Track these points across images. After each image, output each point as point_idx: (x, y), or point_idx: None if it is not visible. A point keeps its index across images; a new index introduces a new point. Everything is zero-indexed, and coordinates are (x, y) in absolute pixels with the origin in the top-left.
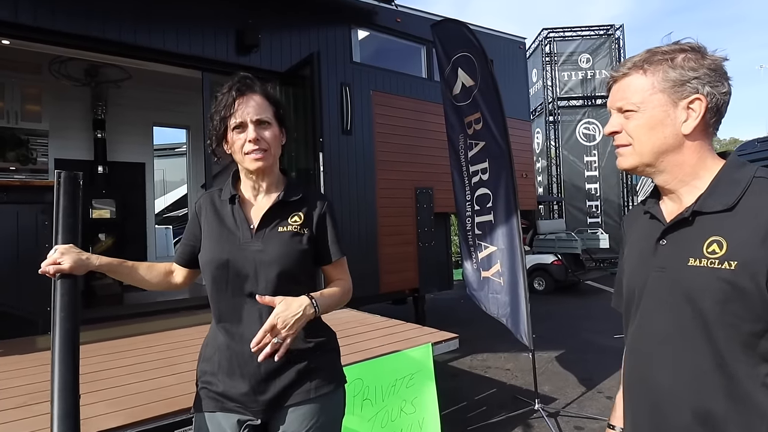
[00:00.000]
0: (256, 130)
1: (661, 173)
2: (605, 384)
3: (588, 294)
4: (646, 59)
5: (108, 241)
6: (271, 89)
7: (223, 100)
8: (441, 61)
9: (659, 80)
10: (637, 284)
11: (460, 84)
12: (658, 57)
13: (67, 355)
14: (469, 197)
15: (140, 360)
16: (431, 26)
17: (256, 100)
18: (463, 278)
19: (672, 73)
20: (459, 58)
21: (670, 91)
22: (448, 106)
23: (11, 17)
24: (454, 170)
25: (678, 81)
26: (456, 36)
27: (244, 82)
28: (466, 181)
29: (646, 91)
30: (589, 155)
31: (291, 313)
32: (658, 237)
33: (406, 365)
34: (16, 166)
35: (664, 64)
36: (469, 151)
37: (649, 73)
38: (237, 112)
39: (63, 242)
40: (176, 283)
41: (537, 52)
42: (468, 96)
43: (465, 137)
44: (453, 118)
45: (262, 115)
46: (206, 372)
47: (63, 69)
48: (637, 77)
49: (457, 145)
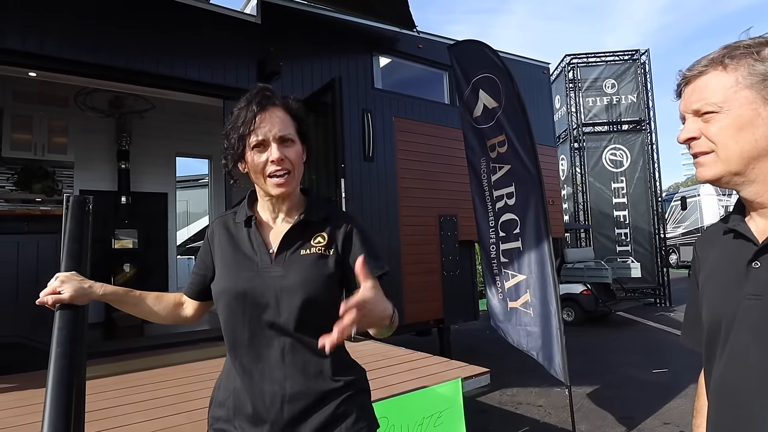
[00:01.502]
0: (279, 149)
1: (751, 183)
2: (648, 423)
3: (621, 325)
4: (726, 54)
5: (130, 272)
6: (293, 102)
7: (242, 115)
8: (459, 83)
9: (744, 75)
10: (725, 315)
11: (481, 106)
12: (741, 51)
13: (60, 398)
14: (493, 223)
15: (153, 396)
16: (448, 48)
17: (279, 116)
18: (488, 309)
19: (759, 67)
20: (480, 79)
21: (760, 86)
22: (467, 129)
23: (38, 49)
24: (476, 195)
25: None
26: (476, 57)
27: (264, 94)
28: (489, 206)
29: (730, 89)
30: (616, 182)
31: (381, 301)
32: (750, 259)
33: (435, 402)
34: (41, 197)
35: (749, 57)
36: (493, 175)
37: (731, 68)
38: (258, 129)
39: (66, 269)
40: (186, 317)
41: (560, 79)
42: (490, 118)
43: (487, 161)
44: (473, 141)
45: (285, 132)
46: (219, 419)
47: (88, 101)
48: (717, 74)
49: (479, 169)
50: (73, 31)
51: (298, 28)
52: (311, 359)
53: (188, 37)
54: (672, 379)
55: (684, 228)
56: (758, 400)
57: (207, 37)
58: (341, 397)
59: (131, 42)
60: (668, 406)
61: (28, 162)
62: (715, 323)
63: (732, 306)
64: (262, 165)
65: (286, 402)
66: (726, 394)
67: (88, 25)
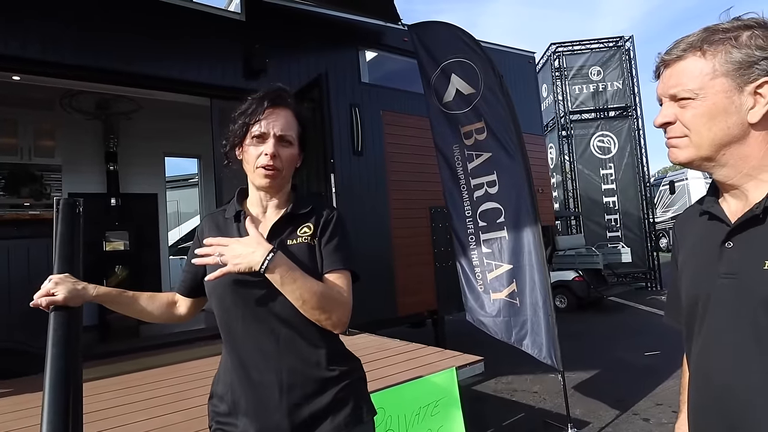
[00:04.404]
0: (275, 146)
1: (722, 167)
2: (640, 405)
3: (612, 310)
4: (704, 38)
5: (122, 273)
6: (304, 110)
7: (252, 104)
8: (425, 65)
9: (721, 62)
10: (700, 295)
11: (453, 91)
12: (719, 36)
13: (58, 399)
14: (470, 212)
15: (150, 395)
16: (409, 27)
17: (286, 116)
18: (465, 305)
19: (736, 54)
20: (452, 63)
21: (735, 74)
22: (436, 114)
23: (20, 52)
24: (448, 183)
25: (744, 63)
26: (447, 40)
27: (280, 94)
28: (465, 195)
29: (706, 76)
30: (605, 168)
31: (240, 251)
32: (723, 239)
33: (430, 392)
34: (30, 201)
35: (727, 43)
36: (469, 163)
37: (709, 54)
38: (263, 121)
39: (59, 271)
40: (179, 315)
41: (546, 67)
42: (465, 104)
43: (461, 148)
44: (443, 127)
45: (287, 132)
46: (219, 413)
47: (74, 103)
48: (695, 60)
49: (451, 157)
50: (56, 33)
51: (282, 24)
52: (307, 348)
53: (173, 36)
54: (664, 361)
55: (673, 212)
56: (733, 376)
57: (191, 36)
58: (340, 384)
59: (115, 43)
60: (661, 387)
61: (14, 166)
62: (692, 302)
63: (707, 285)
64: (256, 156)
65: (284, 392)
66: (703, 371)
67: (71, 27)
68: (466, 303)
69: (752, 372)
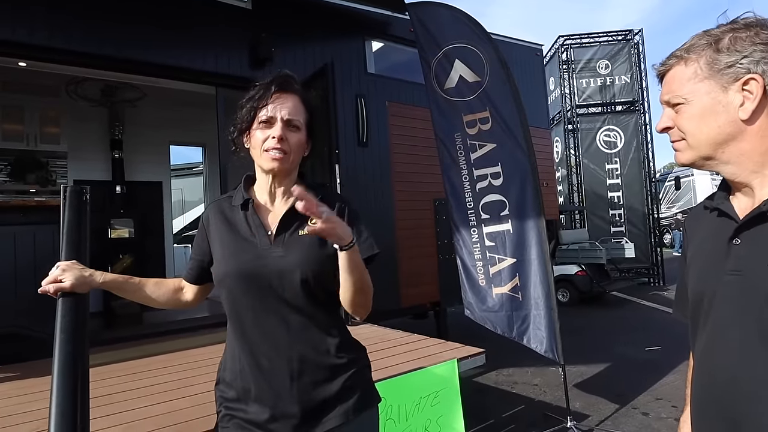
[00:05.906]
0: (282, 130)
1: (726, 165)
2: (640, 400)
3: (615, 305)
4: (687, 47)
5: (127, 260)
6: (312, 98)
7: (260, 90)
8: (425, 47)
9: (702, 67)
10: (706, 290)
11: (456, 77)
12: (702, 42)
13: (66, 382)
14: (472, 204)
15: (155, 382)
16: (408, 5)
17: (294, 101)
18: (463, 299)
19: (715, 57)
20: (456, 48)
21: (717, 76)
22: (435, 100)
23: (27, 39)
24: (449, 173)
25: (724, 64)
26: (451, 23)
27: (287, 79)
28: (467, 186)
29: (691, 80)
30: (610, 163)
31: (339, 221)
32: (730, 236)
33: (431, 383)
34: (36, 188)
35: (708, 49)
36: (472, 153)
37: (691, 61)
38: (270, 105)
39: (66, 258)
40: (186, 301)
41: (554, 60)
42: (470, 92)
43: (464, 137)
44: (443, 115)
45: (295, 117)
46: (228, 398)
47: (80, 90)
48: (681, 68)
49: (453, 146)
50: (63, 20)
51: (289, 13)
52: (318, 336)
53: (179, 24)
54: (665, 357)
55: (677, 208)
56: (737, 370)
57: (198, 24)
58: (348, 372)
59: (122, 30)
60: (661, 382)
61: (20, 153)
62: (698, 298)
63: (714, 281)
64: (263, 139)
65: (295, 379)
66: (708, 366)
67: (77, 14)
68: (465, 299)
69: (757, 366)
